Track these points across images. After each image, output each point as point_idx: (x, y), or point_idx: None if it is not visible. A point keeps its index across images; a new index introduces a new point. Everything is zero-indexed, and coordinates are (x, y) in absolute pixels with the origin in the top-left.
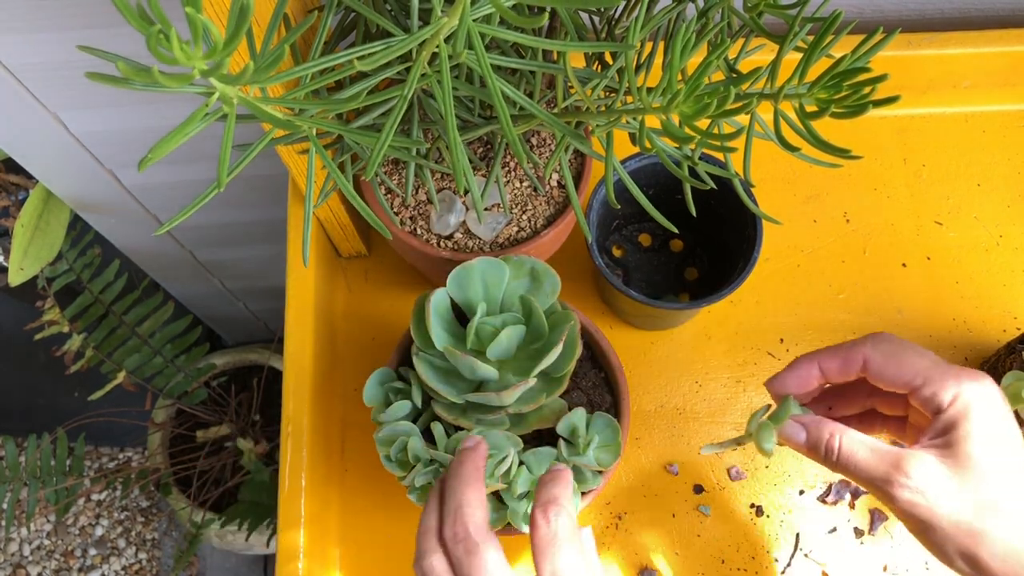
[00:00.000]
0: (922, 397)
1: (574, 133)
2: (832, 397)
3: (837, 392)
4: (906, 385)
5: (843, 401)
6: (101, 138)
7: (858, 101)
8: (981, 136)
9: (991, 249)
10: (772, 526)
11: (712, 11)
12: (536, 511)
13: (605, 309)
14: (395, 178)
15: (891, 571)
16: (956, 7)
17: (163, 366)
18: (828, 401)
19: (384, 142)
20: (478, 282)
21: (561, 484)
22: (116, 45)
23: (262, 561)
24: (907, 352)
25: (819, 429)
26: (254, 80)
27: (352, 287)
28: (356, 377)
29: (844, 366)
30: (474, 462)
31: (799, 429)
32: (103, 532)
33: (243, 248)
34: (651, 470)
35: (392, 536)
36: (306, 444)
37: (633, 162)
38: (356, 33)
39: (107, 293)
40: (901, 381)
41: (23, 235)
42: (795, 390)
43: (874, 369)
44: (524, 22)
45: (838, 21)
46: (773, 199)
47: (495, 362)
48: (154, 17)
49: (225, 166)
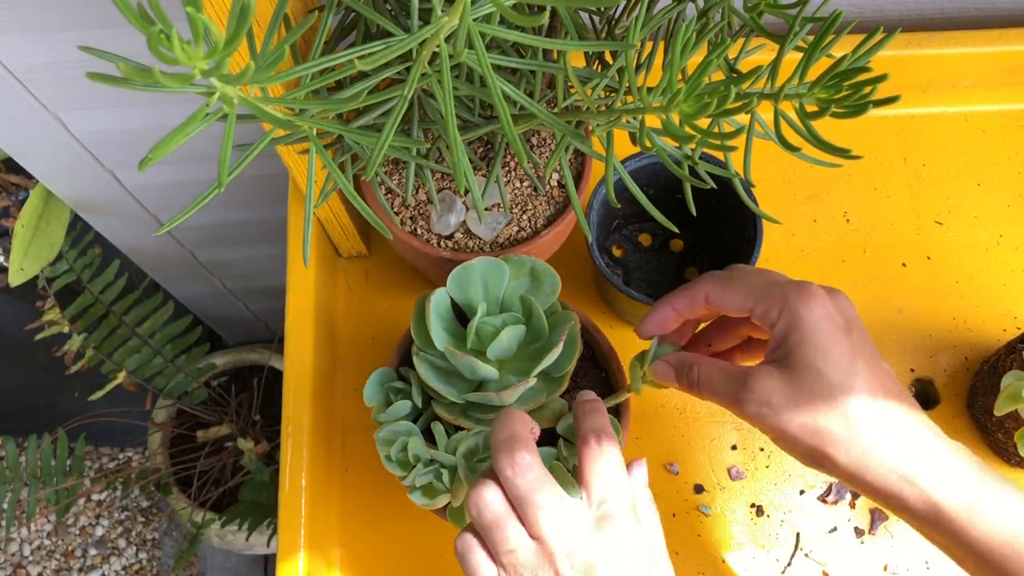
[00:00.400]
0: (757, 316)
1: (574, 133)
2: (711, 334)
3: (715, 328)
4: (742, 309)
5: (720, 336)
6: (101, 138)
7: (858, 101)
8: (981, 136)
9: (991, 249)
10: (772, 526)
11: (712, 11)
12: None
13: (605, 309)
14: (395, 178)
15: (891, 571)
16: (956, 7)
17: (163, 366)
18: (707, 339)
19: (384, 142)
20: (478, 282)
21: (602, 414)
22: (117, 45)
23: (262, 561)
24: (740, 277)
25: (681, 364)
26: (255, 80)
27: (352, 287)
28: (356, 377)
29: (690, 302)
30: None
31: (667, 367)
32: (103, 532)
33: (243, 248)
34: (651, 470)
35: (392, 536)
36: (306, 444)
37: (633, 162)
38: (356, 33)
39: (107, 293)
40: (736, 306)
41: (23, 235)
42: (658, 331)
43: (714, 300)
44: (524, 21)
45: (838, 21)
46: (773, 199)
47: (495, 362)
48: (155, 17)
49: (226, 166)
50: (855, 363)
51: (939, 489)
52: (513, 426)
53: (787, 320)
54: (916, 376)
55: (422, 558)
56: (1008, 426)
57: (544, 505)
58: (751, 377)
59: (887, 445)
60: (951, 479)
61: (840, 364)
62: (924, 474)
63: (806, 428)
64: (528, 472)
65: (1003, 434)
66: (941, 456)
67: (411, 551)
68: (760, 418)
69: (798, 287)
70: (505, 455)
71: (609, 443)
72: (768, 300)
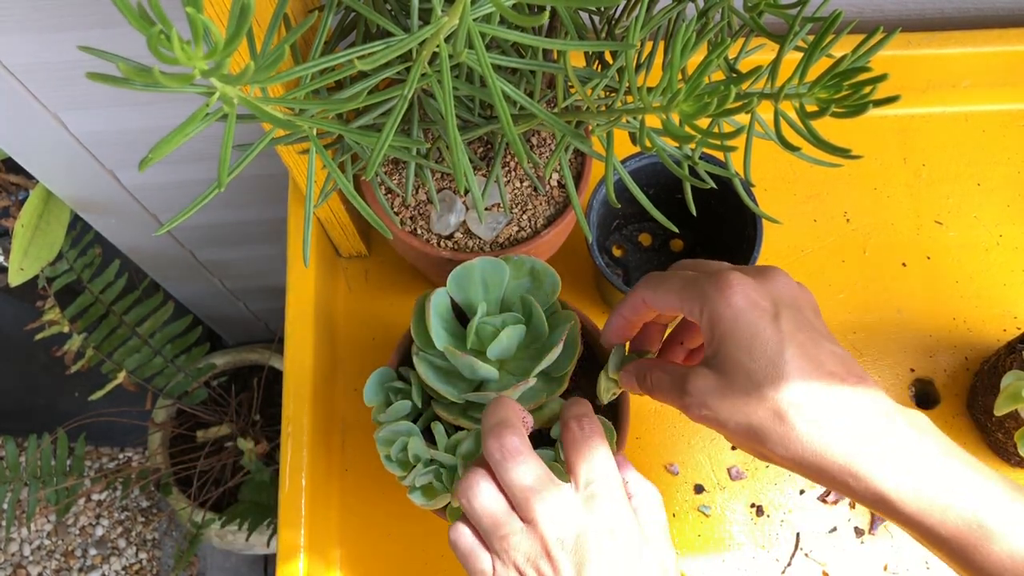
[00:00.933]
0: (687, 316)
1: (574, 133)
2: (681, 332)
3: (682, 326)
4: (673, 309)
5: (689, 334)
6: (101, 138)
7: (858, 101)
8: (981, 136)
9: (991, 249)
10: (772, 526)
11: (712, 11)
12: (569, 421)
13: (605, 309)
14: (395, 178)
15: (891, 570)
16: (956, 7)
17: (163, 366)
18: (680, 336)
19: (384, 142)
20: (478, 282)
21: (584, 404)
22: (116, 45)
23: (262, 561)
24: (670, 277)
25: (638, 371)
26: (255, 80)
27: (352, 287)
28: (356, 377)
29: (633, 307)
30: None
31: (628, 376)
32: (103, 532)
33: (243, 248)
34: (651, 470)
35: (392, 536)
36: (306, 444)
37: (633, 162)
38: (356, 33)
39: (107, 293)
40: (667, 307)
41: (23, 235)
42: (616, 339)
43: (650, 303)
44: (524, 21)
45: (838, 21)
46: (773, 199)
47: (495, 362)
48: (155, 17)
49: (226, 166)
50: (782, 351)
51: (885, 478)
52: (503, 412)
53: (708, 317)
54: (916, 376)
55: (422, 558)
56: (1008, 426)
57: (534, 488)
58: (688, 380)
59: (827, 434)
60: (899, 466)
61: (765, 355)
62: (868, 463)
63: (740, 428)
64: (517, 455)
65: (1003, 434)
66: (889, 441)
67: (411, 551)
68: (703, 420)
69: (715, 280)
70: (494, 439)
71: (591, 427)
72: (690, 298)
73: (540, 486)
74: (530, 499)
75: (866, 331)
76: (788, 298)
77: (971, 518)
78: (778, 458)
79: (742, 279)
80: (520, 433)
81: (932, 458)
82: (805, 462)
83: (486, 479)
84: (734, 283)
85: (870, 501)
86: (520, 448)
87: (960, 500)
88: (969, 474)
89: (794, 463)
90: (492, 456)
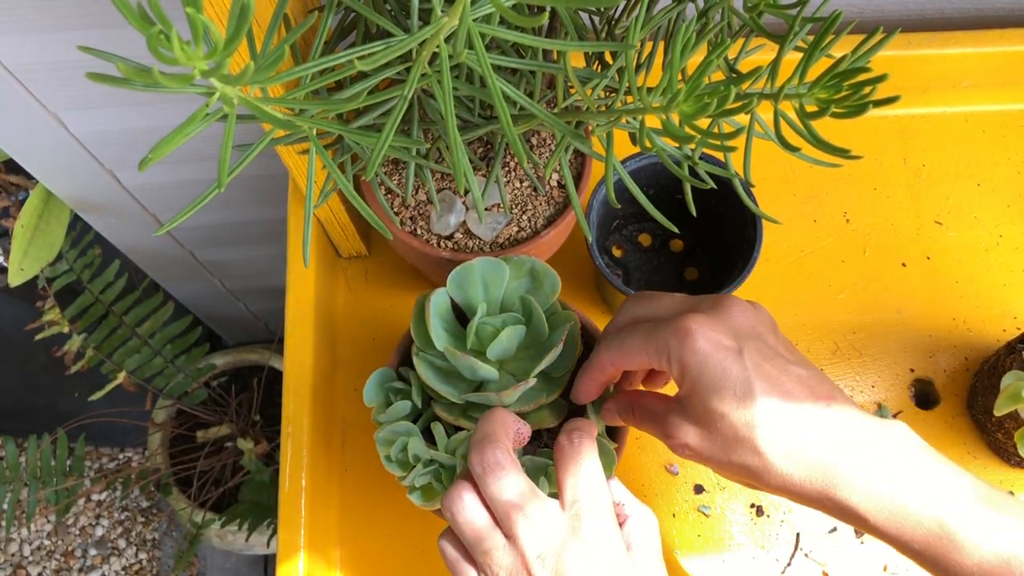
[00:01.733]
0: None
1: (574, 133)
2: None
3: None
4: (643, 366)
5: None
6: (101, 138)
7: (858, 101)
8: (981, 136)
9: (991, 249)
10: (772, 526)
11: (712, 11)
12: (562, 435)
13: (605, 309)
14: (395, 178)
15: (891, 571)
16: (956, 7)
17: (163, 366)
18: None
19: (384, 142)
20: (478, 282)
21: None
22: (116, 45)
23: (262, 561)
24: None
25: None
26: (254, 80)
27: (352, 287)
28: (356, 377)
29: (600, 371)
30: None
31: (611, 412)
32: (103, 532)
33: (243, 248)
34: (651, 470)
35: (392, 536)
36: (306, 444)
37: (633, 162)
38: (356, 33)
39: (107, 293)
40: (637, 365)
41: (23, 235)
42: (587, 400)
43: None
44: (524, 22)
45: (838, 21)
46: (773, 199)
47: (495, 362)
48: (155, 17)
49: (226, 166)
50: (751, 389)
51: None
52: (489, 425)
53: (676, 367)
54: (916, 376)
55: (422, 558)
56: (1008, 426)
57: (516, 504)
58: (667, 423)
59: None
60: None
61: (734, 396)
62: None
63: (723, 466)
64: (498, 470)
65: (1003, 434)
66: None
67: (411, 551)
68: (689, 458)
69: (675, 328)
70: (476, 454)
71: (583, 442)
72: (655, 352)
73: (523, 501)
74: (511, 515)
75: (866, 331)
76: (748, 329)
77: (938, 529)
78: (765, 488)
79: (700, 320)
80: (503, 447)
81: (900, 469)
82: (789, 489)
83: (470, 492)
84: (692, 328)
85: (847, 517)
86: (502, 462)
87: (927, 510)
88: (937, 483)
89: (781, 491)
90: (474, 470)
